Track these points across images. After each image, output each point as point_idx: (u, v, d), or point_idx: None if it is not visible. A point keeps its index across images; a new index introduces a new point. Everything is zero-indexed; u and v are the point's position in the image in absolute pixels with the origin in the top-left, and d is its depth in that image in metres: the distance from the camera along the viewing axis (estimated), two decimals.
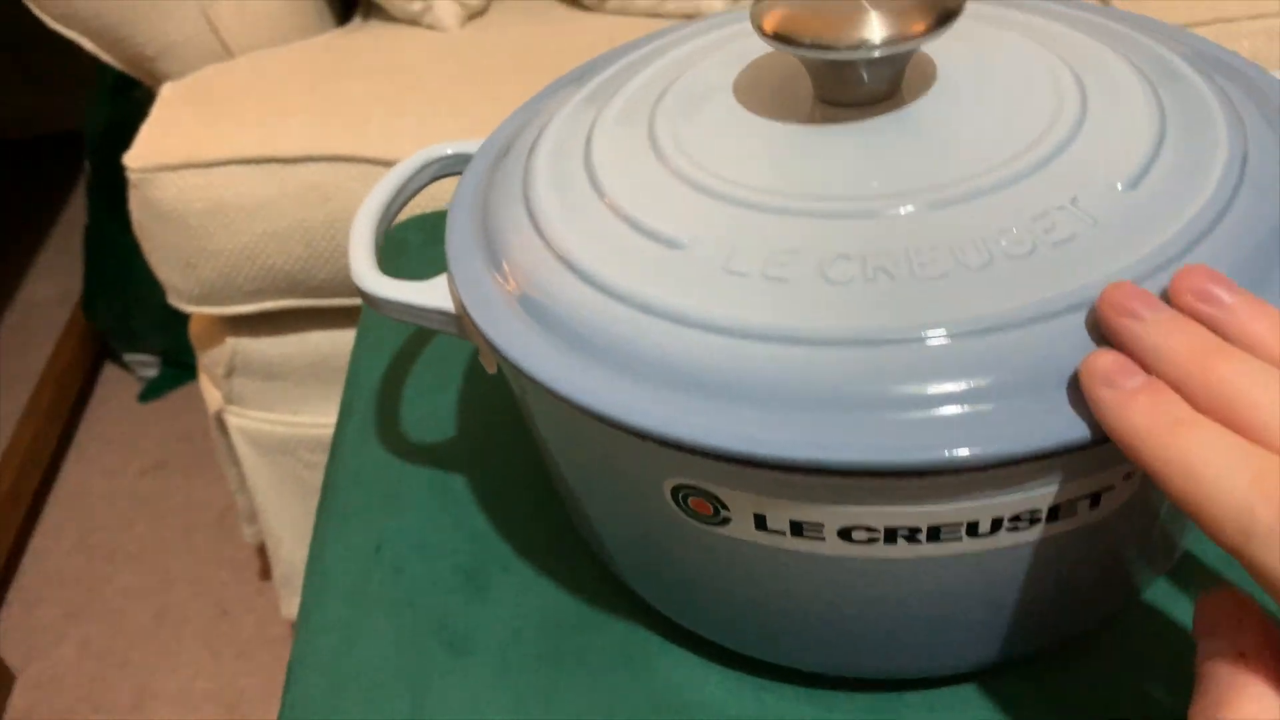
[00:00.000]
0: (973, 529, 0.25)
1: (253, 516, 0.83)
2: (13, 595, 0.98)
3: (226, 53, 0.70)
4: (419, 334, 0.49)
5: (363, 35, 0.71)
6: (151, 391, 1.18)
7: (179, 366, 1.18)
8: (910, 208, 0.26)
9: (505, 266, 0.30)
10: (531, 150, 0.33)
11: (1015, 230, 0.25)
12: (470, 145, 0.39)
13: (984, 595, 0.27)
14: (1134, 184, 0.26)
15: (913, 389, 0.23)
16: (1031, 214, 0.26)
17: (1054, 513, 0.24)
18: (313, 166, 0.60)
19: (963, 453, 0.22)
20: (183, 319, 1.16)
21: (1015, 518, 0.24)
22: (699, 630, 0.34)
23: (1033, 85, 0.30)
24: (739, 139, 0.30)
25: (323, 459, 0.73)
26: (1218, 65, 0.33)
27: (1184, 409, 0.20)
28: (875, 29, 0.27)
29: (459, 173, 0.40)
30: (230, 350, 0.68)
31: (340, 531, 0.40)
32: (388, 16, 0.73)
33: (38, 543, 1.03)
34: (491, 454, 0.42)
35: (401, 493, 0.42)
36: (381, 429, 0.44)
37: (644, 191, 0.29)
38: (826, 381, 0.24)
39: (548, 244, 0.29)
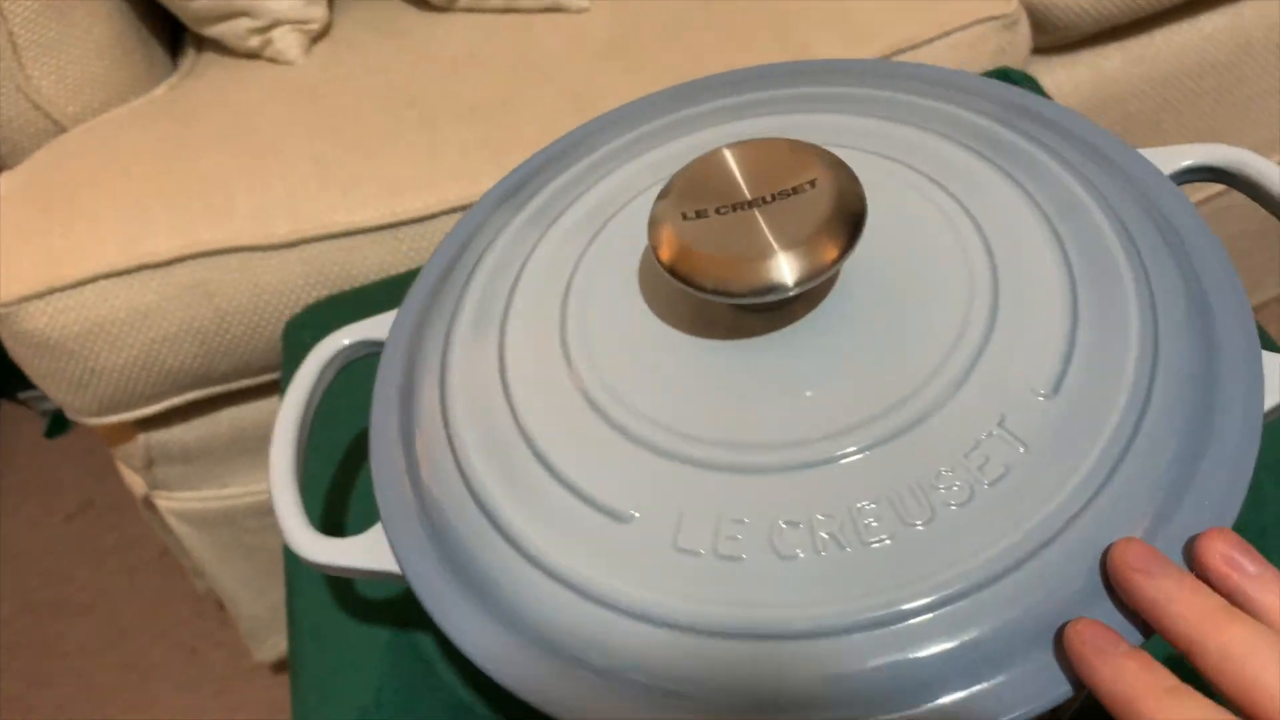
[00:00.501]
0: None
1: (201, 572, 0.82)
2: None
3: (56, 127, 0.64)
4: (351, 470, 0.48)
5: (200, 84, 0.66)
6: (57, 427, 1.14)
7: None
8: (847, 451, 0.26)
9: (441, 527, 0.29)
10: (443, 389, 0.31)
11: (950, 473, 0.25)
12: (372, 328, 0.37)
13: None
14: (1055, 388, 0.26)
15: (874, 676, 0.24)
16: (964, 448, 0.26)
17: None
18: (188, 265, 0.56)
19: None
20: None
21: None
22: None
23: (942, 259, 0.29)
24: (660, 367, 0.29)
25: (264, 523, 0.72)
26: (1080, 148, 0.32)
27: (1173, 678, 0.22)
28: (785, 271, 0.27)
29: (364, 356, 0.38)
30: (143, 444, 0.65)
31: (322, 711, 0.40)
32: (222, 49, 0.67)
33: None
34: None
35: (370, 656, 0.41)
36: (333, 587, 0.44)
37: (580, 450, 0.28)
38: (807, 675, 0.24)
39: (483, 510, 0.28)
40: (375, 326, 0.37)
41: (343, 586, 0.44)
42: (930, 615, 0.24)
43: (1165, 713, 0.21)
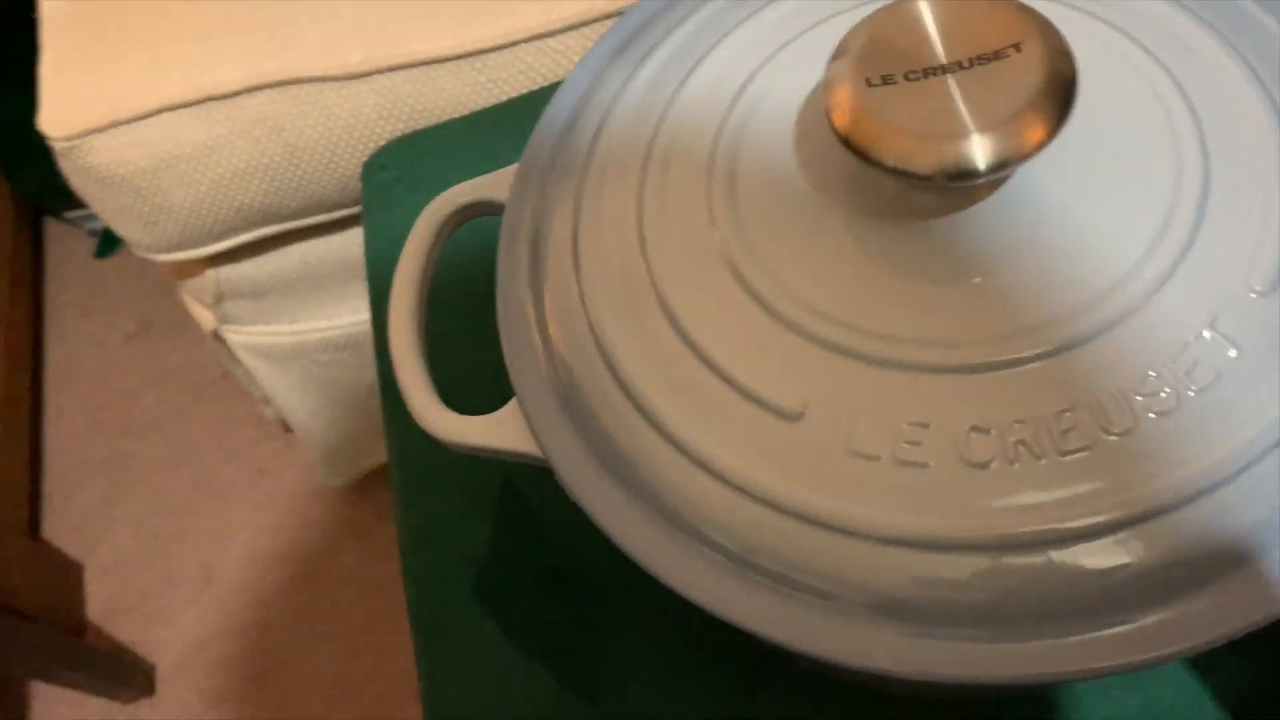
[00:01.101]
0: None
1: (270, 400, 0.83)
2: (50, 488, 1.00)
3: None
4: (445, 312, 0.46)
5: None
6: (107, 245, 1.12)
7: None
8: (1040, 351, 0.24)
9: (584, 412, 0.28)
10: (576, 254, 0.29)
11: (1155, 378, 0.24)
12: (486, 188, 0.35)
13: None
14: (1274, 284, 0.24)
15: (1066, 595, 0.23)
16: (1170, 351, 0.24)
17: None
18: (256, 97, 0.53)
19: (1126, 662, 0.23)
20: None
21: None
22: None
23: (1147, 138, 0.26)
24: (824, 252, 0.27)
25: (337, 356, 0.72)
26: None
27: None
28: (979, 152, 0.24)
29: (481, 216, 0.35)
30: (213, 280, 0.64)
31: (430, 561, 0.41)
32: None
33: (51, 430, 1.03)
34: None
35: (480, 512, 0.42)
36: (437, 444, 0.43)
37: (735, 337, 0.26)
38: (995, 589, 0.23)
39: (633, 402, 0.27)
40: (492, 185, 0.35)
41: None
42: (1133, 529, 0.23)
43: None
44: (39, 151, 1.04)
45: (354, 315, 0.70)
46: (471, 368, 0.45)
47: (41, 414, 1.04)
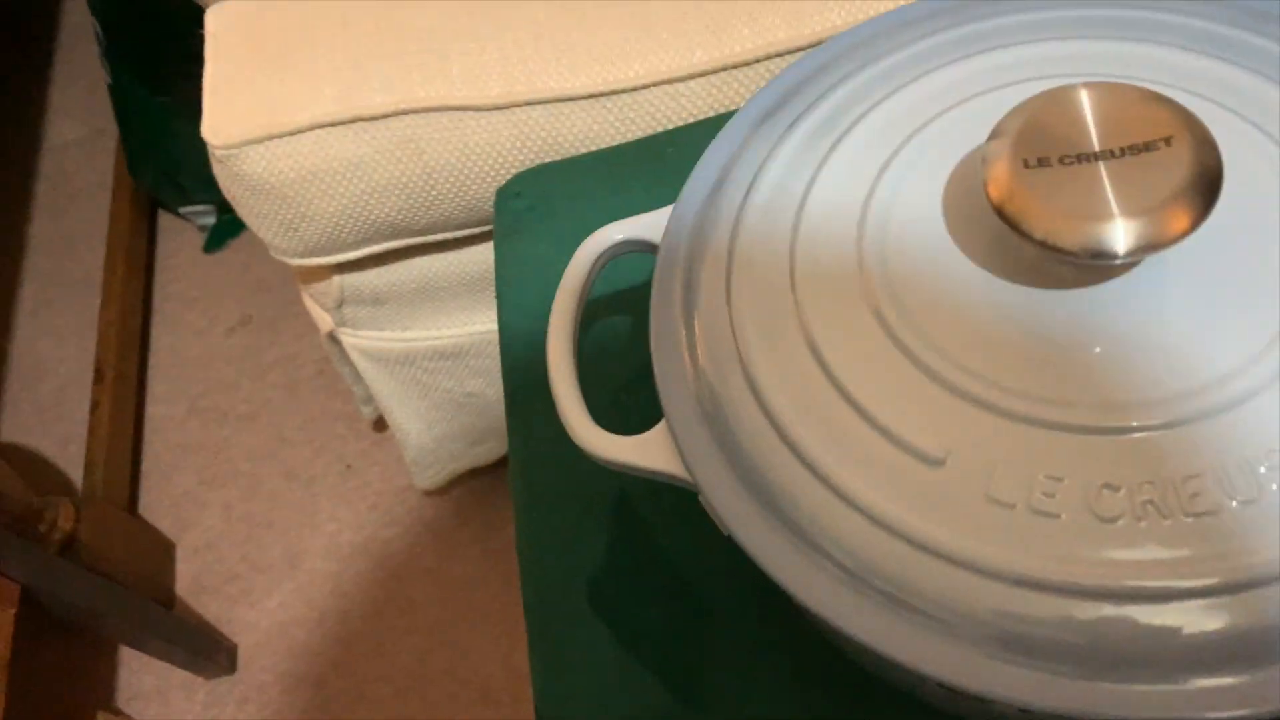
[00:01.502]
0: None
1: (368, 400, 0.87)
2: (147, 468, 1.05)
3: None
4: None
5: None
6: (215, 241, 1.18)
7: (235, 212, 1.17)
8: (1172, 420, 0.26)
9: (733, 445, 0.31)
10: (730, 298, 0.32)
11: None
12: (640, 228, 0.38)
13: None
14: None
15: (1181, 646, 0.25)
16: None
17: None
18: (402, 121, 0.57)
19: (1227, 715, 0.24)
20: None
21: None
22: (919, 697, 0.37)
23: (1276, 223, 0.28)
24: (964, 303, 0.29)
25: (441, 365, 0.75)
26: None
27: None
28: (1121, 236, 0.26)
29: (631, 253, 0.38)
30: (338, 286, 0.68)
31: (547, 573, 0.44)
32: None
33: (153, 413, 1.08)
34: (674, 489, 0.44)
35: (593, 525, 0.44)
36: (557, 456, 0.46)
37: (881, 384, 0.29)
38: (1117, 635, 0.25)
39: (782, 437, 0.30)
40: (645, 226, 0.38)
41: (567, 457, 0.46)
42: (1251, 591, 0.25)
43: None
44: (162, 150, 1.10)
45: (461, 327, 0.74)
46: (605, 393, 0.48)
47: (145, 397, 1.09)
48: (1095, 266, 0.29)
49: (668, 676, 0.40)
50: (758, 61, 0.56)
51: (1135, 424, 0.27)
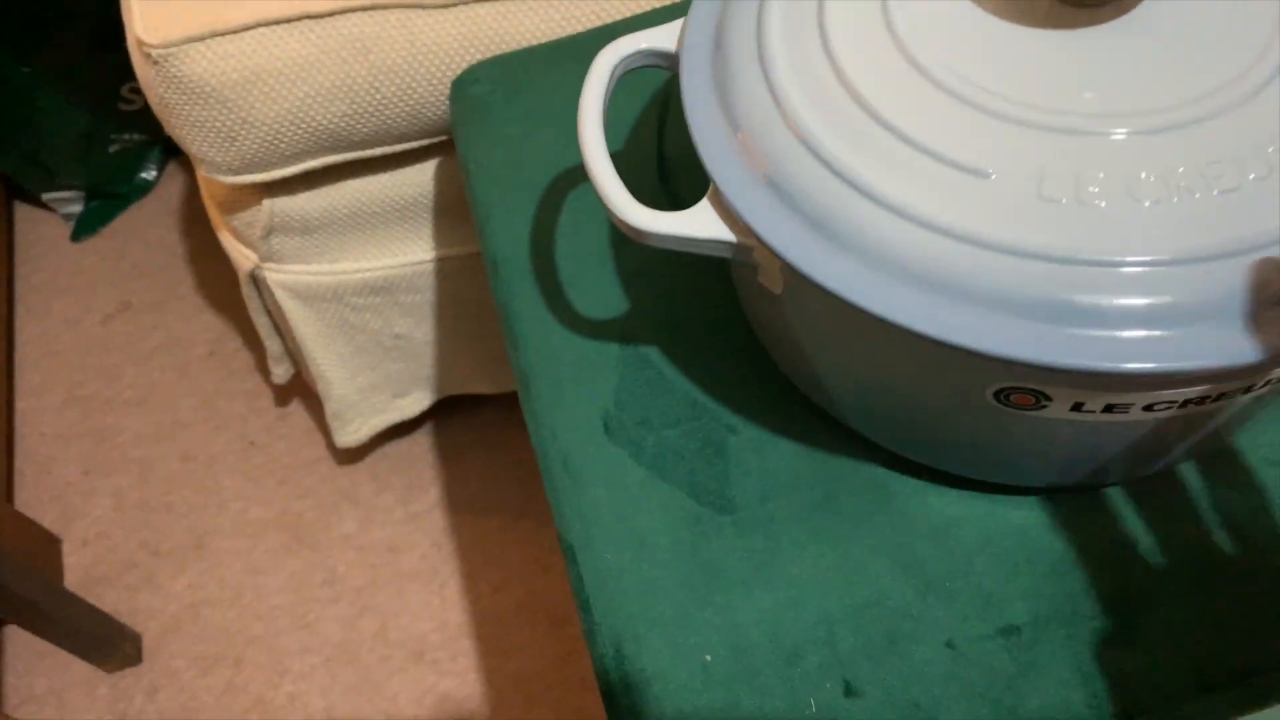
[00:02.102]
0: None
1: (282, 358, 0.84)
2: (21, 462, 0.97)
3: None
4: (548, 204, 0.50)
5: None
6: (83, 229, 1.12)
7: (106, 197, 1.11)
8: (1188, 120, 0.30)
9: (788, 193, 0.32)
10: (764, 64, 0.34)
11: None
12: (659, 38, 0.39)
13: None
14: None
15: (1231, 297, 0.28)
16: None
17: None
18: (350, 18, 0.56)
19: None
20: (102, 146, 1.08)
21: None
22: (935, 464, 0.40)
23: None
24: (989, 46, 0.32)
25: (371, 300, 0.74)
26: None
27: None
28: None
29: (648, 67, 0.40)
30: (267, 212, 0.66)
31: (562, 418, 0.44)
32: None
33: (25, 405, 1.01)
34: (673, 324, 0.45)
35: (600, 369, 0.45)
36: (553, 309, 0.47)
37: (923, 116, 0.31)
38: (1187, 295, 0.28)
39: (837, 174, 0.32)
40: (661, 37, 0.39)
41: (560, 309, 0.47)
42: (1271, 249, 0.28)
43: None
44: (24, 127, 1.04)
45: (392, 258, 0.73)
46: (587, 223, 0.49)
47: (14, 390, 1.01)
48: (1098, 7, 0.32)
49: (696, 486, 0.41)
50: None
51: (1159, 126, 0.30)
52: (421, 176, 0.68)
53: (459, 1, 0.57)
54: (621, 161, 0.50)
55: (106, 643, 0.84)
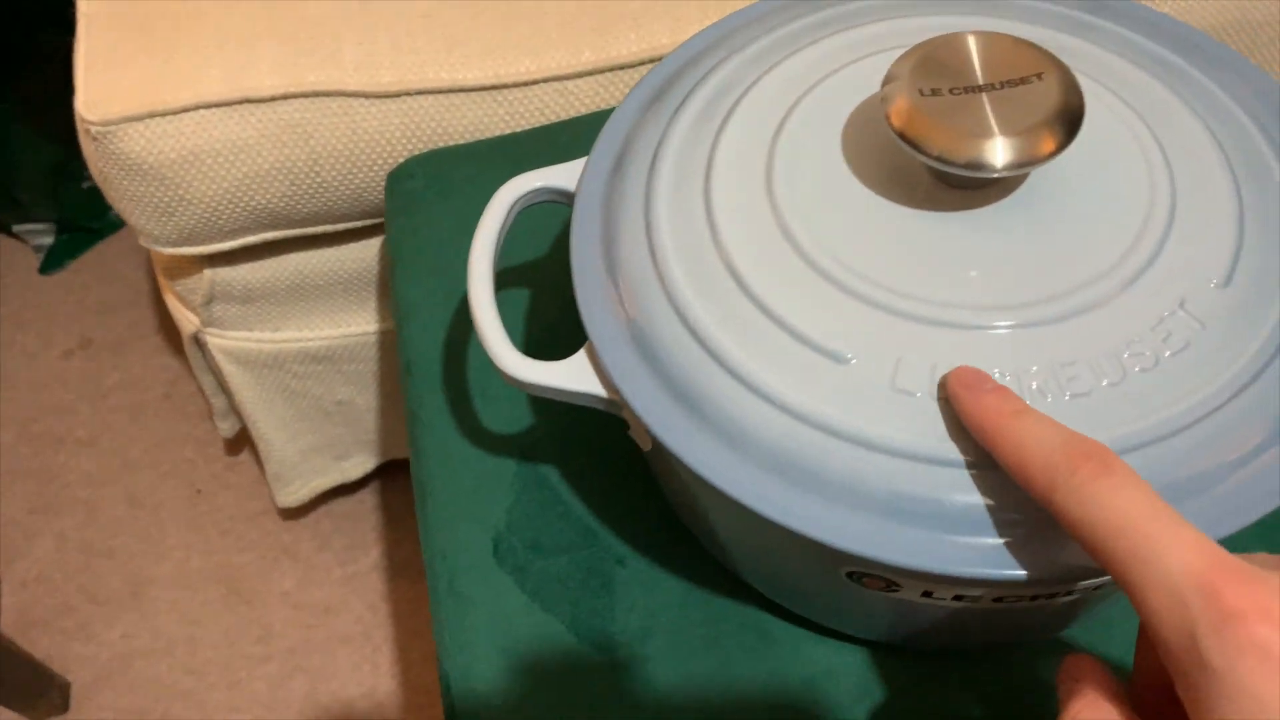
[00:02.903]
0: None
1: (227, 414, 0.84)
2: None
3: None
4: (462, 317, 0.50)
5: None
6: (52, 262, 1.12)
7: (77, 230, 1.12)
8: (1050, 317, 0.30)
9: (656, 356, 0.32)
10: (649, 230, 0.34)
11: (1139, 342, 0.30)
12: (556, 176, 0.39)
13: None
14: (1227, 280, 0.31)
15: None
16: (1151, 322, 0.30)
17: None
18: (291, 104, 0.57)
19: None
20: (74, 181, 1.09)
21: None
22: (811, 617, 0.40)
23: (1126, 162, 0.33)
24: (866, 226, 0.32)
25: (311, 369, 0.74)
26: (1218, 64, 0.36)
27: (1022, 403, 0.27)
28: (1001, 152, 0.30)
29: (545, 202, 0.40)
30: (208, 281, 0.66)
31: (453, 537, 0.44)
32: None
33: None
34: (575, 444, 0.45)
35: (497, 487, 0.45)
36: (458, 420, 0.47)
37: (794, 296, 0.31)
38: (1010, 502, 0.28)
39: (705, 348, 0.32)
40: (559, 175, 0.39)
41: (466, 421, 0.47)
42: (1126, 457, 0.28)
43: (1010, 430, 0.26)
44: None
45: (334, 329, 0.73)
46: (517, 327, 0.49)
47: None
48: (976, 191, 0.32)
49: (576, 620, 0.41)
50: (641, 64, 0.60)
51: (1018, 322, 0.30)
52: (365, 252, 0.69)
53: (401, 92, 0.58)
54: (546, 281, 0.50)
55: (34, 690, 0.84)
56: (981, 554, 0.28)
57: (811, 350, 0.31)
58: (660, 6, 0.60)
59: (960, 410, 0.28)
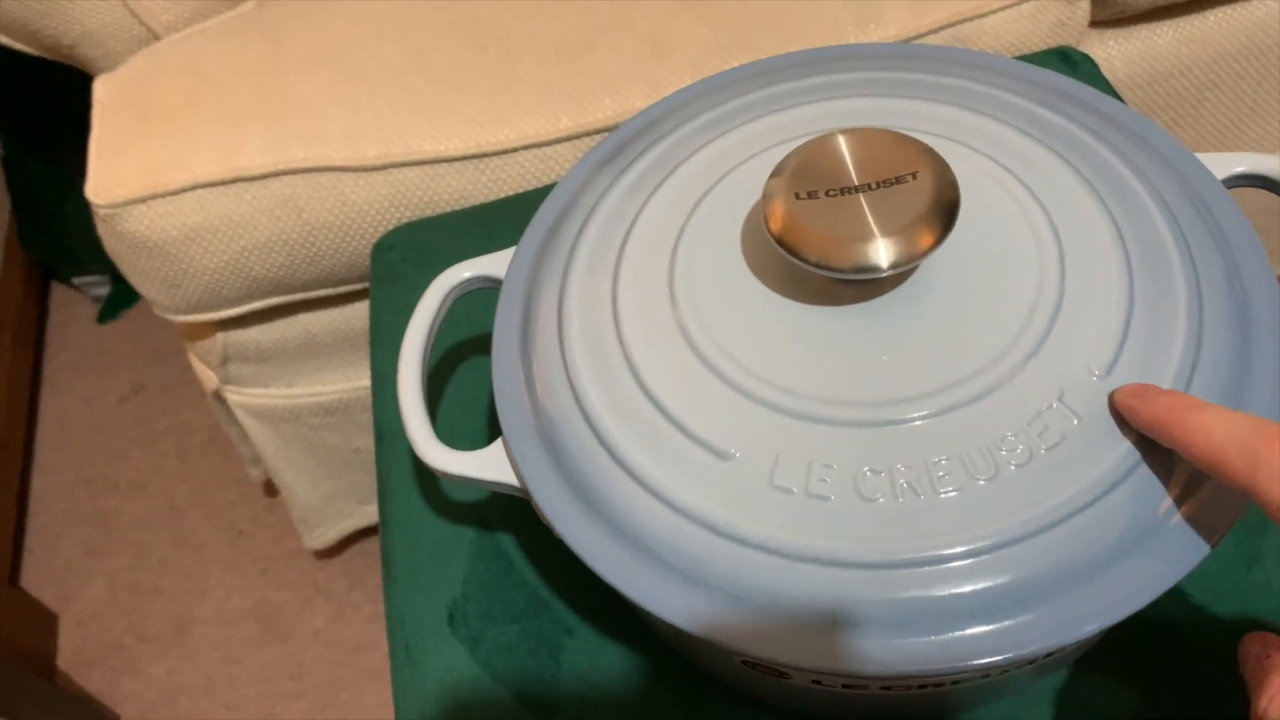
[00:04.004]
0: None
1: (257, 461, 0.88)
2: (31, 540, 1.03)
3: (149, 34, 0.67)
4: (437, 380, 0.52)
5: (287, 3, 0.68)
6: (109, 311, 1.18)
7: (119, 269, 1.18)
8: (925, 413, 0.30)
9: (558, 447, 0.34)
10: (560, 318, 0.36)
11: (1014, 437, 0.30)
12: (487, 265, 0.41)
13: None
14: (1109, 370, 0.31)
15: (937, 604, 0.29)
16: (1027, 417, 0.30)
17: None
18: (282, 181, 0.60)
19: (985, 661, 0.28)
20: None
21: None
22: (738, 687, 0.40)
23: (1015, 245, 0.33)
24: (758, 321, 0.33)
25: (327, 420, 0.77)
26: (1139, 144, 0.36)
27: (1195, 399, 0.28)
28: (882, 254, 0.30)
29: (482, 288, 0.42)
30: (221, 343, 0.70)
31: (412, 605, 0.46)
32: None
33: (39, 483, 1.07)
34: (530, 513, 0.47)
35: (455, 555, 0.47)
36: (423, 488, 0.49)
37: (685, 392, 0.32)
38: (880, 599, 0.29)
39: (599, 439, 0.33)
40: (491, 264, 0.41)
41: (431, 489, 0.49)
42: (988, 556, 0.29)
43: (1194, 423, 0.27)
44: (55, 219, 1.10)
45: (346, 382, 0.76)
46: (462, 414, 0.51)
47: (31, 467, 1.07)
48: (866, 284, 0.33)
49: (523, 690, 0.42)
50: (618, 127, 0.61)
51: (892, 418, 0.31)
52: (366, 310, 0.71)
53: (386, 164, 0.60)
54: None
55: None
56: (856, 648, 0.29)
57: (698, 446, 0.32)
58: (635, 71, 0.61)
59: (1138, 418, 0.29)
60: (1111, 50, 0.71)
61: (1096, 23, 0.69)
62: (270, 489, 1.02)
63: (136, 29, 0.67)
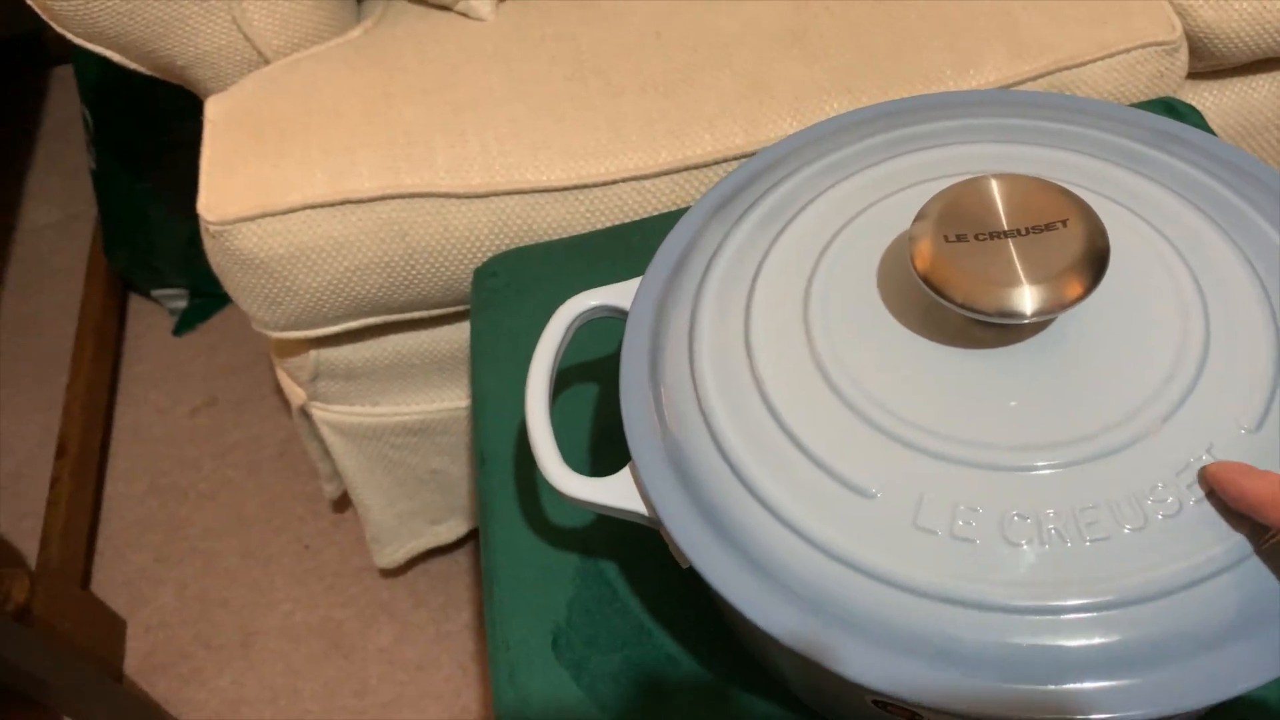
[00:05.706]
0: None
1: (333, 478, 0.89)
2: (102, 545, 1.04)
3: (260, 58, 0.69)
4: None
5: (395, 31, 0.70)
6: (185, 324, 1.20)
7: (207, 296, 1.20)
8: (1072, 460, 0.31)
9: (693, 480, 0.34)
10: (691, 354, 0.36)
11: (1162, 487, 0.30)
12: (614, 296, 0.42)
13: None
14: (1258, 425, 0.31)
15: (1083, 657, 0.29)
16: (1176, 468, 0.30)
17: None
18: (388, 205, 0.61)
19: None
20: (204, 253, 1.17)
21: None
22: None
23: (1160, 299, 0.33)
24: (896, 360, 0.34)
25: (408, 440, 0.78)
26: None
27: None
28: (1028, 300, 0.31)
29: (602, 317, 0.42)
30: (313, 360, 0.71)
31: (516, 628, 0.46)
32: None
33: (112, 490, 1.09)
34: (633, 542, 0.47)
35: (559, 580, 0.47)
36: (526, 511, 0.49)
37: (823, 429, 0.33)
38: (1029, 645, 0.29)
39: (734, 472, 0.33)
40: (615, 294, 0.42)
41: (533, 512, 0.49)
42: (1131, 607, 0.29)
43: None
44: (139, 233, 1.13)
45: (429, 404, 0.77)
46: (575, 448, 0.51)
47: (105, 474, 1.09)
48: (1008, 328, 0.33)
49: (626, 718, 0.43)
50: (716, 164, 0.62)
51: (1042, 463, 0.31)
52: (457, 334, 0.72)
53: (489, 193, 0.61)
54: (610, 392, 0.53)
55: None
56: (1000, 690, 0.29)
57: (837, 483, 0.32)
58: (736, 109, 0.62)
59: (1236, 495, 0.29)
60: (1207, 102, 0.70)
61: (1194, 74, 0.69)
62: (339, 506, 1.03)
63: (248, 53, 0.69)
